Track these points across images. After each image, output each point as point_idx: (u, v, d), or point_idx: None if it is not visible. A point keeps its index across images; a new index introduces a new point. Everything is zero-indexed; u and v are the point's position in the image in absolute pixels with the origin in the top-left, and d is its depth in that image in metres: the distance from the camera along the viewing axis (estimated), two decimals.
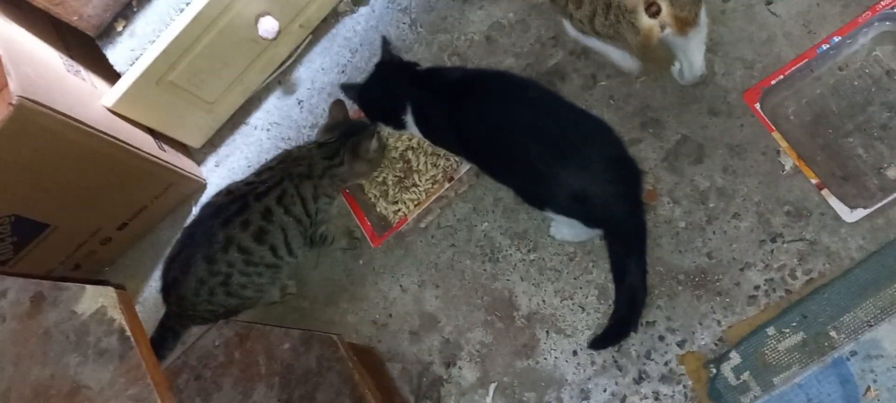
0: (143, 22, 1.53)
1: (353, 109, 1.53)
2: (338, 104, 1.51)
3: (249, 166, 1.74)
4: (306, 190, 1.43)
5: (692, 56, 1.26)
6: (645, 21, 1.13)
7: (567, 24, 1.30)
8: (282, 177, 1.42)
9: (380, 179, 1.53)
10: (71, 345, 1.00)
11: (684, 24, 1.14)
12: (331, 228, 1.54)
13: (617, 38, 1.19)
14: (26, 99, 1.31)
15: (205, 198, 1.75)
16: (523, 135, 1.18)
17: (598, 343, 1.26)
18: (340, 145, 1.44)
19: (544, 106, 1.23)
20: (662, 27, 1.13)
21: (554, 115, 1.21)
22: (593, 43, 1.29)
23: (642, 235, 1.17)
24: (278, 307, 1.57)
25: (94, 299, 1.00)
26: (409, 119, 1.35)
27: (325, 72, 1.73)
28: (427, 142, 1.49)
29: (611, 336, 1.25)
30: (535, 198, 1.25)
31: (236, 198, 1.43)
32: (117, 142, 1.50)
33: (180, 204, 1.78)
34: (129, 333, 0.96)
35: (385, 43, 1.44)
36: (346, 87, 1.47)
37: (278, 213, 1.41)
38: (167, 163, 1.65)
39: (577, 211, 1.18)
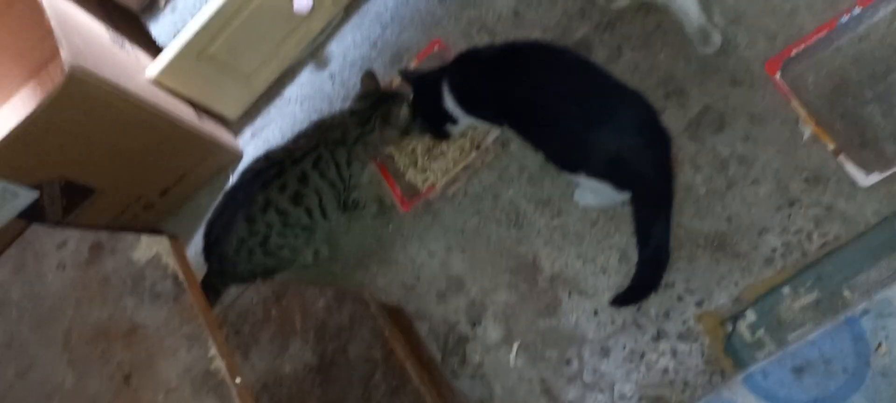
0: None
1: (384, 81, 1.64)
2: (369, 75, 1.61)
3: (283, 138, 1.84)
4: (340, 155, 1.55)
5: (686, 7, 1.37)
6: None
7: None
8: (317, 142, 1.55)
9: (409, 148, 1.63)
10: (128, 289, 1.12)
11: None
12: (363, 194, 1.64)
13: None
14: (77, 66, 1.43)
15: (241, 166, 1.87)
16: (562, 99, 1.29)
17: (619, 300, 1.35)
18: (372, 112, 1.54)
19: (581, 72, 1.34)
20: None
21: (591, 81, 1.32)
22: None
23: (670, 199, 1.27)
24: (312, 270, 1.69)
25: (150, 247, 1.11)
26: (449, 102, 1.44)
27: (356, 46, 1.83)
28: None
29: (633, 294, 1.34)
30: (570, 161, 1.33)
31: (274, 162, 1.55)
32: (160, 111, 1.63)
33: (218, 172, 1.90)
34: (182, 278, 1.08)
35: (403, 73, 1.58)
36: (405, 73, 1.58)
37: (314, 177, 1.53)
38: (206, 133, 1.77)
39: (612, 173, 1.27)
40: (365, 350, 1.44)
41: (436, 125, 1.51)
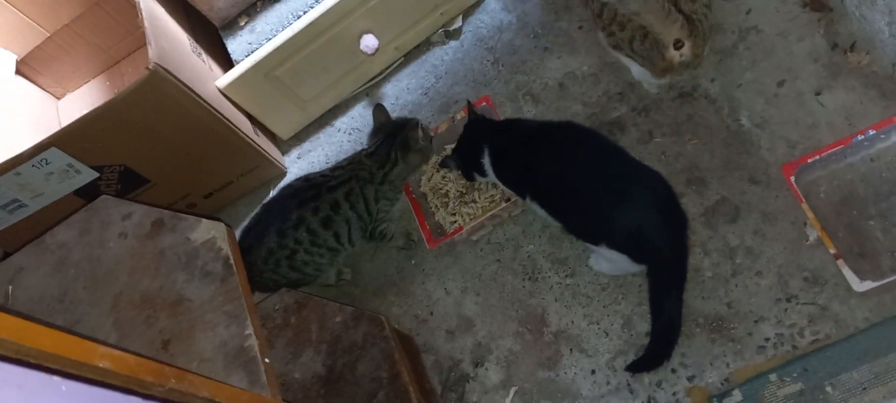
0: (264, 21, 1.92)
1: (430, 126, 1.86)
2: (380, 108, 1.83)
3: (327, 163, 2.08)
4: (369, 192, 1.75)
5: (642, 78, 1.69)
6: (671, 53, 1.52)
7: (602, 37, 1.66)
8: (350, 176, 1.75)
9: (443, 191, 1.84)
10: (181, 265, 1.32)
11: (696, 57, 1.57)
12: (391, 227, 1.85)
13: (646, 59, 1.57)
14: (161, 66, 1.68)
15: (283, 183, 2.10)
16: (590, 177, 1.49)
17: (635, 367, 1.52)
18: (388, 147, 1.73)
19: (608, 154, 1.55)
20: (681, 56, 1.52)
21: (617, 163, 1.53)
22: (623, 58, 1.67)
23: (683, 277, 1.45)
24: (332, 290, 1.88)
25: (208, 230, 1.32)
26: (486, 162, 1.65)
27: (409, 92, 2.07)
28: None
29: (647, 362, 1.51)
30: (593, 233, 1.53)
31: (312, 185, 1.76)
32: (223, 119, 1.87)
33: (261, 186, 2.13)
34: (232, 262, 1.27)
35: (470, 105, 1.77)
36: (472, 107, 1.77)
37: (345, 208, 1.73)
38: (259, 146, 2.01)
39: (631, 247, 1.46)
40: (373, 369, 1.61)
41: (467, 168, 1.71)
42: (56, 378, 0.71)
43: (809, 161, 1.50)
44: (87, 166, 1.82)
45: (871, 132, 1.48)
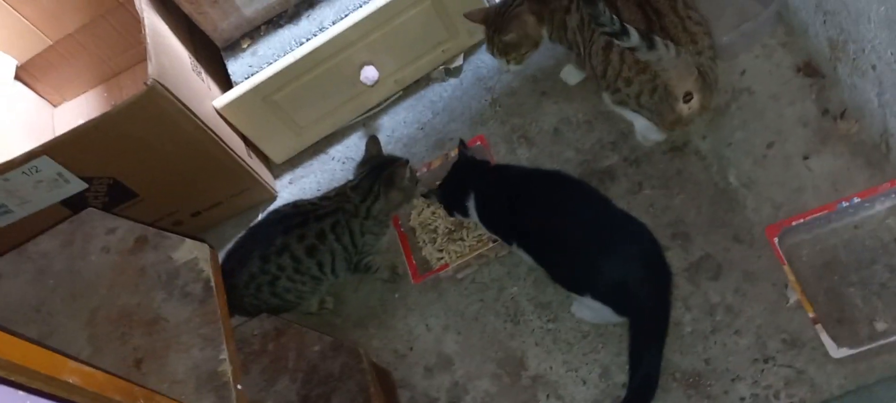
0: (266, 45, 1.96)
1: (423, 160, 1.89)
2: (373, 140, 1.84)
3: (319, 190, 2.11)
4: (354, 225, 1.76)
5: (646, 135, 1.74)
6: (680, 105, 1.55)
7: (606, 96, 1.69)
8: (337, 207, 1.76)
9: (432, 227, 1.87)
10: (161, 284, 1.34)
11: (704, 109, 1.62)
12: (378, 259, 1.86)
13: (654, 112, 1.60)
14: (159, 83, 1.71)
15: (272, 208, 2.12)
16: (576, 227, 1.52)
17: None
18: (371, 181, 1.74)
19: (596, 205, 1.58)
20: (690, 109, 1.56)
21: (604, 214, 1.55)
22: (629, 114, 1.70)
23: (665, 331, 1.47)
24: (313, 318, 1.89)
25: (191, 251, 1.34)
26: (471, 207, 1.67)
27: (406, 125, 2.11)
28: None
29: None
30: (578, 283, 1.55)
31: (300, 213, 1.78)
32: (218, 139, 1.90)
33: (250, 208, 2.15)
34: (213, 284, 1.29)
35: (462, 144, 1.79)
36: (463, 146, 1.79)
37: (330, 239, 1.74)
38: (251, 169, 2.04)
39: (615, 299, 1.48)
40: (348, 401, 1.62)
41: (450, 206, 1.73)
42: (21, 393, 0.72)
43: (794, 224, 1.52)
44: (77, 177, 1.85)
45: (856, 200, 1.51)
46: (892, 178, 1.51)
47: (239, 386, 1.22)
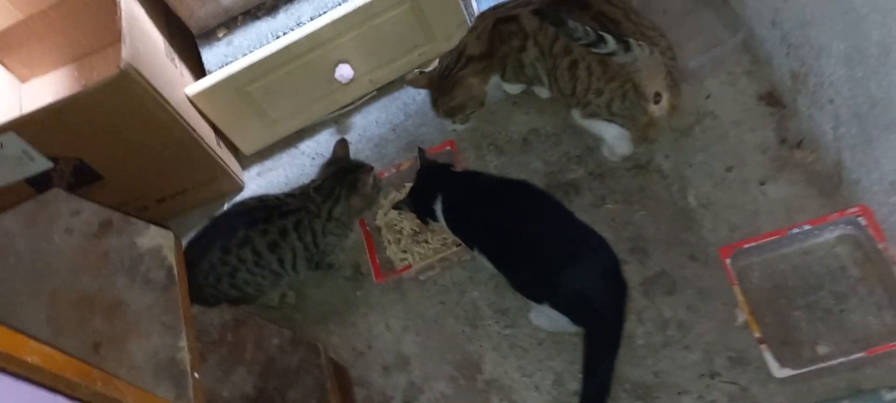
0: (242, 36, 1.98)
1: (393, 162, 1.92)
2: (342, 143, 1.87)
3: (287, 184, 2.13)
4: (317, 226, 1.78)
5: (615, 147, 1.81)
6: (651, 107, 1.61)
7: (576, 113, 1.75)
8: (301, 206, 1.78)
9: (398, 228, 1.90)
10: (123, 269, 1.35)
11: (673, 109, 1.67)
12: (340, 258, 1.89)
13: (627, 118, 1.67)
14: (132, 67, 1.72)
15: (238, 199, 2.14)
16: (538, 237, 1.56)
17: None
18: (334, 184, 1.78)
19: (558, 217, 1.62)
20: (660, 109, 1.63)
21: (566, 226, 1.59)
22: (598, 127, 1.75)
23: (618, 342, 1.51)
24: (274, 312, 1.91)
25: (155, 237, 1.35)
26: (438, 209, 1.71)
27: (378, 125, 2.14)
28: None
29: None
30: (537, 291, 1.59)
31: (265, 207, 1.79)
32: (188, 127, 1.91)
33: (216, 197, 2.17)
34: (176, 272, 1.31)
35: (421, 152, 1.83)
36: (422, 153, 1.83)
37: (292, 236, 1.76)
38: (220, 158, 2.05)
39: (573, 309, 1.52)
40: (304, 396, 1.64)
41: (420, 211, 1.77)
42: None
43: (746, 246, 1.59)
44: (43, 155, 1.85)
45: (807, 227, 1.58)
46: (842, 209, 1.58)
47: (196, 375, 1.24)
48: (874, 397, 1.41)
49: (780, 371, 1.46)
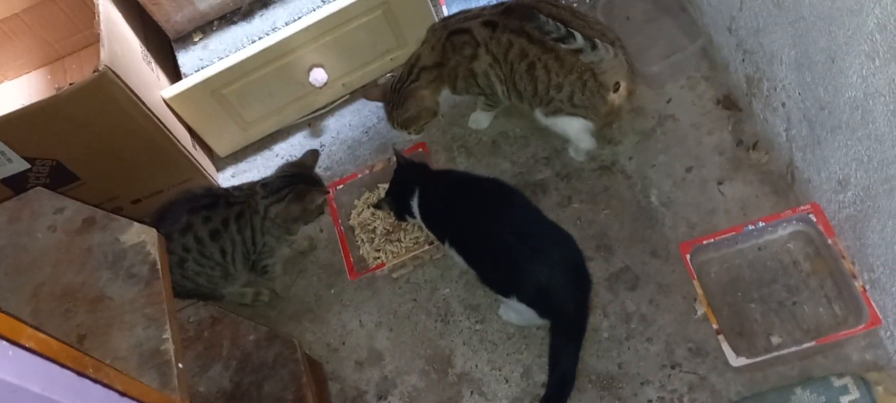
0: (218, 40, 2.05)
1: (366, 163, 1.99)
2: (313, 153, 1.92)
3: None
4: (256, 222, 1.82)
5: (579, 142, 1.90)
6: (611, 95, 1.72)
7: (539, 113, 1.84)
8: (245, 199, 1.82)
9: (371, 227, 1.98)
10: (107, 264, 1.40)
11: (631, 95, 1.81)
12: (277, 268, 1.95)
13: (589, 109, 1.78)
14: (110, 69, 1.78)
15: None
16: (507, 232, 1.64)
17: None
18: (284, 184, 1.81)
19: (527, 214, 1.71)
20: (620, 97, 1.77)
21: (533, 222, 1.68)
22: (563, 124, 1.84)
23: (582, 334, 1.60)
24: (249, 309, 1.98)
25: (138, 234, 1.41)
26: (415, 204, 1.79)
27: (351, 128, 2.22)
28: None
29: None
30: (505, 285, 1.68)
31: (211, 195, 1.83)
32: (164, 128, 1.97)
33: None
34: (159, 267, 1.37)
35: (397, 152, 1.89)
36: (398, 154, 1.88)
37: (232, 228, 1.80)
38: (195, 160, 2.11)
39: (539, 302, 1.61)
40: (279, 390, 1.71)
41: (399, 209, 1.84)
42: (3, 343, 0.81)
43: (705, 242, 1.70)
44: (20, 156, 1.89)
45: (762, 224, 1.69)
46: (794, 206, 1.70)
47: (180, 365, 1.30)
48: (824, 384, 1.52)
49: (736, 361, 1.56)
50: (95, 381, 0.97)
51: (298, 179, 1.84)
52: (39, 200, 1.51)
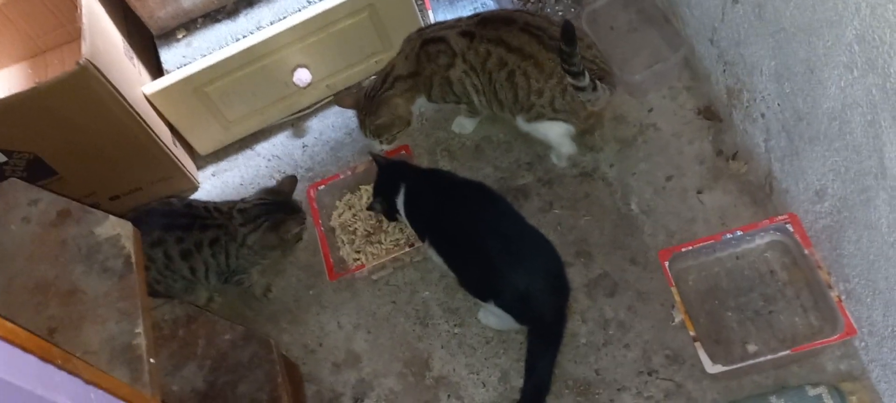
0: (202, 38, 2.04)
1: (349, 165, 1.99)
2: (291, 179, 1.91)
3: (242, 185, 2.19)
4: (231, 248, 1.82)
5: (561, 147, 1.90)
6: None
7: (520, 120, 1.84)
8: (222, 224, 1.81)
9: (352, 228, 1.97)
10: (81, 257, 1.39)
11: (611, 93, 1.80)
12: (253, 276, 1.93)
13: (570, 113, 1.78)
14: (91, 63, 1.77)
15: (192, 197, 2.19)
16: (489, 237, 1.64)
17: None
18: (261, 212, 1.81)
19: (509, 219, 1.71)
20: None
21: (515, 228, 1.68)
22: (545, 129, 1.84)
23: (559, 340, 1.61)
24: (225, 309, 1.97)
25: (114, 227, 1.40)
26: (400, 201, 1.78)
27: (334, 129, 2.22)
28: None
29: None
30: (484, 290, 1.68)
31: (189, 215, 1.83)
32: (145, 125, 1.96)
33: (169, 196, 2.20)
34: (133, 261, 1.36)
35: (374, 156, 1.89)
36: (374, 156, 1.88)
37: (206, 252, 1.80)
38: (175, 157, 2.10)
39: (518, 308, 1.61)
40: (254, 390, 1.69)
41: (389, 210, 1.83)
42: None
43: (683, 250, 1.70)
44: None
45: (740, 233, 1.70)
46: (772, 216, 1.71)
47: (152, 360, 1.29)
48: (799, 393, 1.53)
49: (712, 368, 1.56)
50: (60, 368, 0.95)
51: (276, 208, 1.84)
52: (14, 192, 1.49)
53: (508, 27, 1.77)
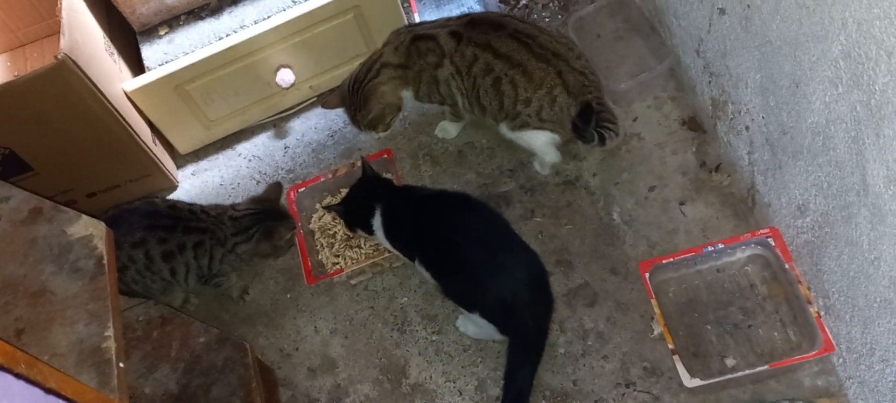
0: (184, 35, 2.01)
1: (330, 167, 1.97)
2: (277, 185, 1.89)
3: (222, 185, 2.16)
4: (217, 253, 1.80)
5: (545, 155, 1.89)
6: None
7: (505, 127, 1.83)
8: (208, 228, 1.79)
9: (331, 232, 1.95)
10: (51, 257, 1.36)
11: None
12: (232, 278, 1.90)
13: (557, 123, 1.77)
14: (69, 58, 1.74)
15: (171, 197, 2.16)
16: (472, 246, 1.62)
17: None
18: (253, 223, 1.79)
19: (493, 228, 1.69)
20: None
21: (499, 238, 1.66)
22: (529, 138, 1.83)
23: (540, 352, 1.59)
24: (201, 310, 1.94)
25: (86, 227, 1.37)
26: (376, 223, 1.74)
27: (316, 131, 2.19)
28: None
29: None
30: (468, 299, 1.66)
31: (172, 217, 1.79)
32: (124, 122, 1.93)
33: (148, 195, 2.17)
34: (105, 262, 1.33)
35: (364, 162, 1.85)
36: (365, 163, 1.83)
37: (188, 255, 1.78)
38: (154, 155, 2.07)
39: (501, 318, 1.59)
40: (227, 394, 1.66)
41: (352, 221, 1.80)
42: None
43: (664, 262, 1.70)
44: None
45: (721, 246, 1.69)
46: (753, 230, 1.71)
47: (122, 364, 1.26)
48: None
49: (690, 382, 1.56)
50: (19, 377, 0.92)
51: (266, 216, 1.82)
52: None
53: (497, 32, 1.76)
